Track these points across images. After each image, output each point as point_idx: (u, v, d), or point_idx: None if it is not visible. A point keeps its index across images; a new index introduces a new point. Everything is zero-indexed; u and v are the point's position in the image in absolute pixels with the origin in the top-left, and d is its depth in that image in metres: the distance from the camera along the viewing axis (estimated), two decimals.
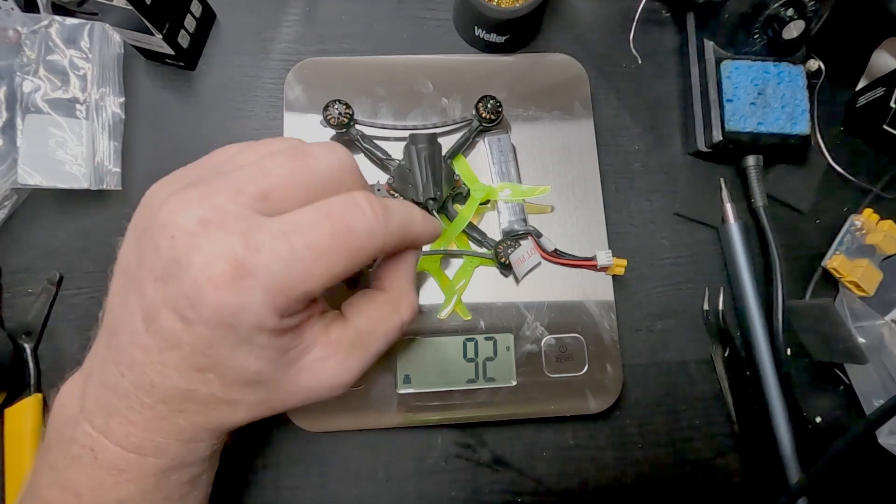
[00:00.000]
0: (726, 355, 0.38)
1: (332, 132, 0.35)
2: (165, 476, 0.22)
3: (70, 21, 0.35)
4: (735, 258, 0.38)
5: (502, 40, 0.38)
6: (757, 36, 0.37)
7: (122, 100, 0.36)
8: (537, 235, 0.35)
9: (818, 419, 0.38)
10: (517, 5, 0.36)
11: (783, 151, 0.39)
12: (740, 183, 0.40)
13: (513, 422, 0.35)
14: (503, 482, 0.36)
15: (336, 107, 0.34)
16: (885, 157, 0.41)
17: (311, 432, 0.34)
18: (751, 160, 0.38)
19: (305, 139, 0.25)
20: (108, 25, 0.35)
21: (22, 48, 0.34)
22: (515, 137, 0.37)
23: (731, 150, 0.38)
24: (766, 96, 0.37)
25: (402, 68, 0.37)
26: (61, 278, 0.35)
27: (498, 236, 0.35)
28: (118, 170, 0.36)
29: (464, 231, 0.35)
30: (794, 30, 0.35)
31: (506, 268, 0.34)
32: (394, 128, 0.36)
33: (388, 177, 0.34)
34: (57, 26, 0.35)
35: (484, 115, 0.35)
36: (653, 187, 0.40)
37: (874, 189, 0.40)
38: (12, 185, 0.34)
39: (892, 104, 0.38)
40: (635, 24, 0.39)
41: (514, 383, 0.34)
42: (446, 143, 0.35)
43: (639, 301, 0.38)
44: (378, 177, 0.35)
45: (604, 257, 0.34)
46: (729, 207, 0.39)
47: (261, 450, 0.35)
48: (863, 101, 0.41)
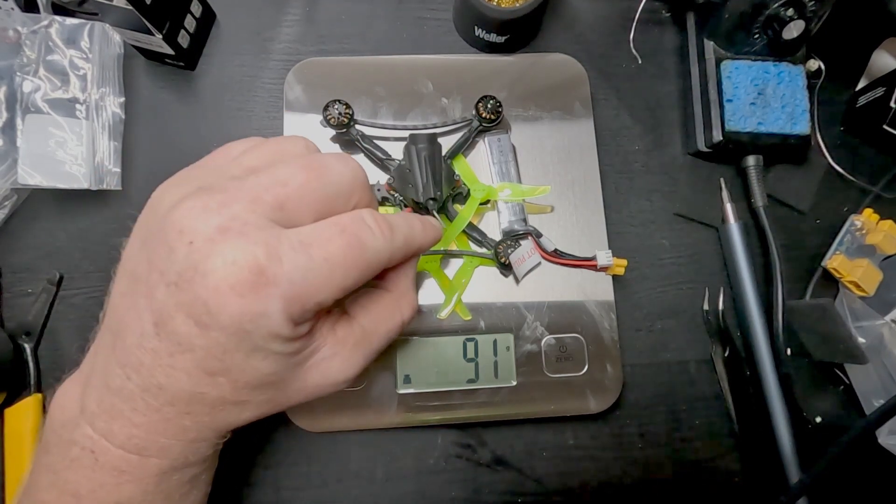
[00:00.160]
0: (726, 355, 0.38)
1: (332, 132, 0.35)
2: (167, 476, 0.22)
3: (70, 21, 0.35)
4: (735, 258, 0.38)
5: (502, 40, 0.38)
6: (757, 36, 0.37)
7: (122, 100, 0.36)
8: (537, 235, 0.35)
9: (818, 419, 0.38)
10: (517, 5, 0.36)
11: (783, 151, 0.39)
12: (740, 183, 0.40)
13: (513, 422, 0.35)
14: (503, 482, 0.36)
15: (336, 107, 0.34)
16: (885, 157, 0.41)
17: (311, 432, 0.34)
18: (751, 160, 0.38)
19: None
20: (108, 25, 0.35)
21: (22, 48, 0.34)
22: (515, 137, 0.37)
23: (731, 150, 0.38)
24: (766, 96, 0.37)
25: (402, 68, 0.37)
26: (61, 278, 0.35)
27: (498, 236, 0.35)
28: (118, 170, 0.36)
29: (464, 231, 0.35)
30: (794, 30, 0.35)
31: (506, 268, 0.34)
32: (394, 128, 0.36)
33: (388, 177, 0.34)
34: (57, 26, 0.35)
35: (484, 115, 0.35)
36: (653, 187, 0.40)
37: (874, 189, 0.40)
38: (12, 185, 0.34)
39: (892, 104, 0.38)
40: (635, 24, 0.39)
41: (514, 383, 0.34)
42: (446, 143, 0.35)
43: (639, 301, 0.38)
44: (378, 177, 0.35)
45: (604, 257, 0.34)
46: (729, 207, 0.39)
47: (261, 450, 0.35)
48: (863, 101, 0.41)
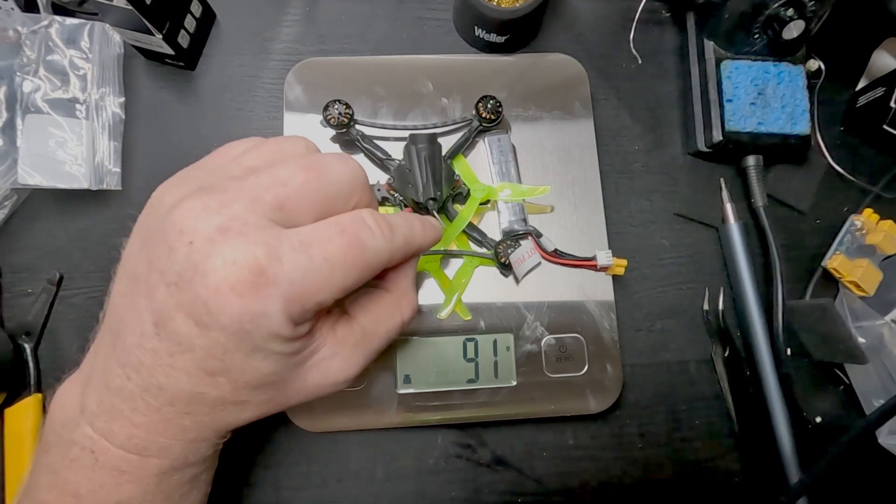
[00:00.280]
0: (726, 355, 0.38)
1: (332, 132, 0.35)
2: (167, 476, 0.22)
3: (70, 21, 0.35)
4: (735, 258, 0.38)
5: (502, 40, 0.38)
6: (757, 36, 0.37)
7: (122, 100, 0.36)
8: (537, 235, 0.35)
9: (818, 419, 0.38)
10: (517, 5, 0.36)
11: (783, 151, 0.39)
12: (740, 183, 0.40)
13: (513, 422, 0.35)
14: (503, 482, 0.36)
15: (336, 107, 0.34)
16: (885, 157, 0.41)
17: (311, 432, 0.34)
18: (751, 160, 0.38)
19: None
20: (108, 25, 0.35)
21: (22, 48, 0.34)
22: (515, 137, 0.37)
23: (731, 150, 0.38)
24: (766, 96, 0.37)
25: (402, 68, 0.37)
26: (61, 278, 0.35)
27: (498, 236, 0.35)
28: (118, 170, 0.36)
29: (464, 231, 0.35)
30: (794, 30, 0.35)
31: (506, 268, 0.34)
32: (394, 128, 0.36)
33: (388, 177, 0.34)
34: (57, 26, 0.35)
35: (484, 115, 0.35)
36: (653, 187, 0.40)
37: (874, 189, 0.40)
38: (12, 185, 0.34)
39: (892, 104, 0.38)
40: (635, 24, 0.39)
41: (514, 383, 0.34)
42: (446, 143, 0.35)
43: (639, 301, 0.38)
44: (378, 177, 0.35)
45: (604, 257, 0.34)
46: (729, 207, 0.39)
47: (261, 450, 0.35)
48: (863, 101, 0.41)
